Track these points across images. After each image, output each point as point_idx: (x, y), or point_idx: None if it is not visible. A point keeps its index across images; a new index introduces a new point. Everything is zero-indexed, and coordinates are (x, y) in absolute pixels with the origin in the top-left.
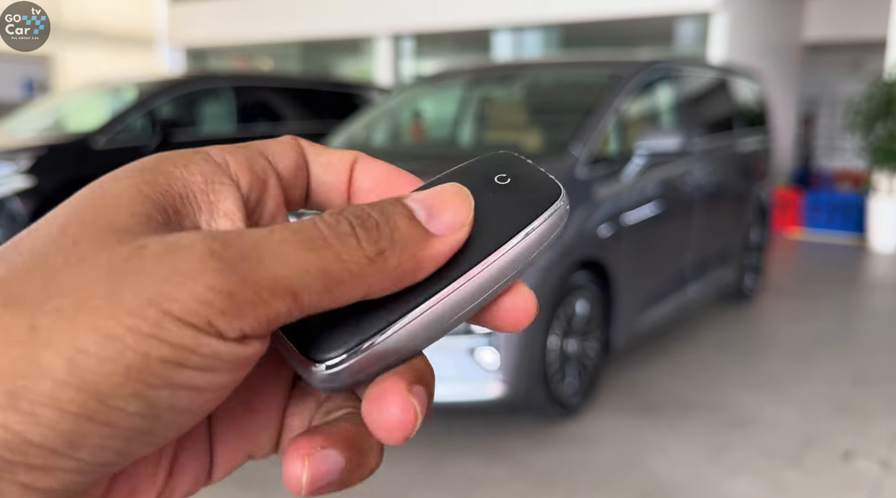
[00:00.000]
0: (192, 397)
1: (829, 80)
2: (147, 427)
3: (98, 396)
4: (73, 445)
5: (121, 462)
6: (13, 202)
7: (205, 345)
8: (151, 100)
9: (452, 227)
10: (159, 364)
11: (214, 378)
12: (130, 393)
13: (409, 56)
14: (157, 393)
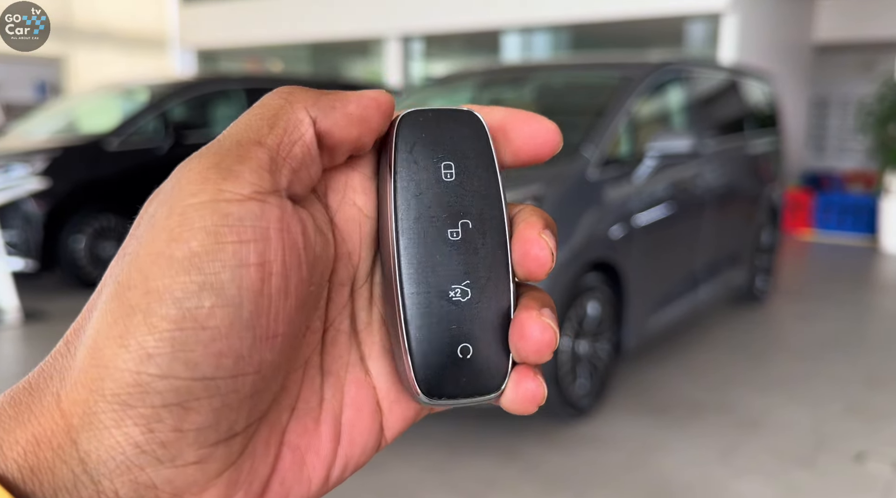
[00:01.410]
0: (251, 273)
1: (840, 80)
2: (234, 316)
3: (175, 304)
4: (188, 365)
5: (240, 370)
6: (28, 203)
7: (226, 214)
8: (164, 102)
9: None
10: (203, 252)
11: (259, 247)
12: (197, 288)
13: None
14: (217, 278)
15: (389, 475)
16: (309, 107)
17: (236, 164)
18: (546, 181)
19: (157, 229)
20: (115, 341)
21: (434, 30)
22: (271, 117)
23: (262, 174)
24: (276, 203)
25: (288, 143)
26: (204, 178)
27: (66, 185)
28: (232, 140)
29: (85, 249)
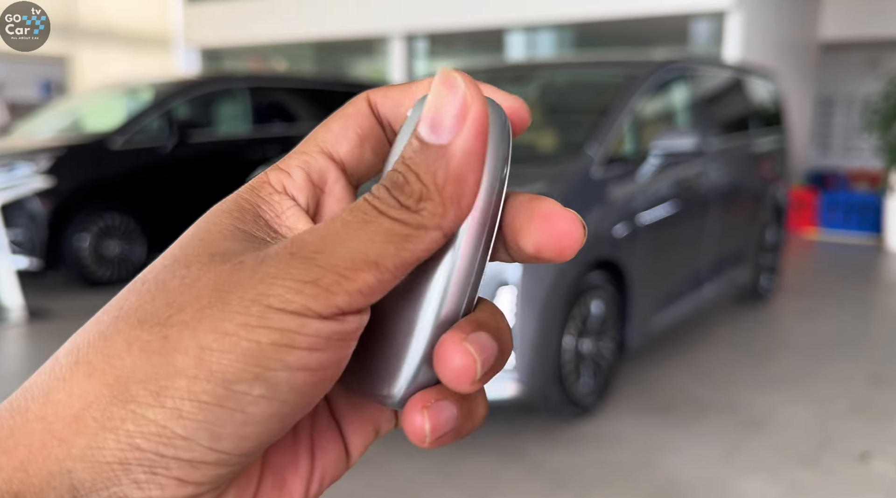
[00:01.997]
0: (306, 377)
1: (846, 79)
2: (275, 410)
3: (224, 383)
4: (213, 436)
5: (256, 451)
6: (33, 202)
7: (307, 325)
8: (168, 101)
9: (459, 120)
10: (270, 348)
11: (323, 357)
12: (251, 377)
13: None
14: (274, 375)
15: (393, 474)
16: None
17: (337, 287)
18: (549, 179)
19: (225, 306)
20: (151, 396)
21: (438, 28)
22: (402, 237)
23: (357, 298)
24: (354, 321)
25: (410, 262)
26: (296, 290)
27: (70, 184)
28: (342, 253)
29: (89, 247)
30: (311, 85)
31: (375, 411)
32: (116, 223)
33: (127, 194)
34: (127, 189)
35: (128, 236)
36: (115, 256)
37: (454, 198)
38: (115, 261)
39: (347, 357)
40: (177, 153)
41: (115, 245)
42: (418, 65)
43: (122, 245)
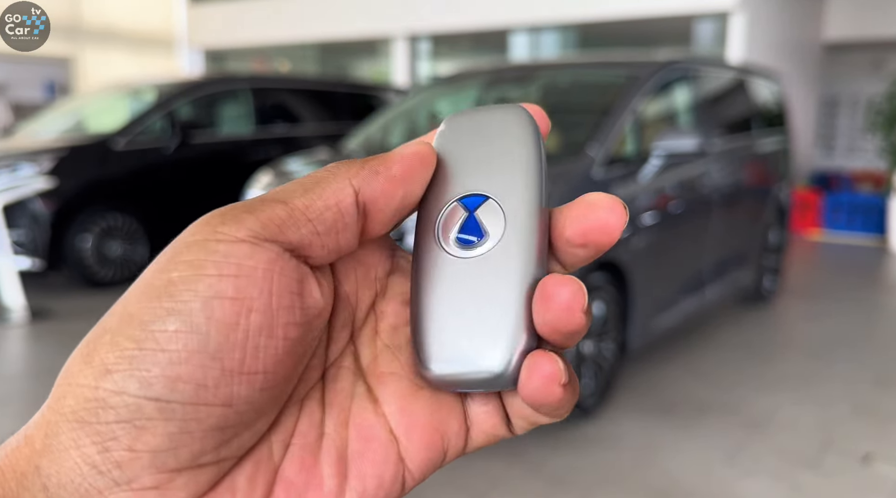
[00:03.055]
0: (225, 306)
1: (850, 79)
2: (198, 345)
3: (141, 325)
4: (141, 383)
5: (201, 400)
6: (35, 203)
7: (213, 250)
8: (171, 101)
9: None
10: (180, 281)
11: (238, 283)
12: (165, 313)
13: (425, 57)
14: (187, 305)
15: None
16: (352, 177)
17: (243, 213)
18: (551, 180)
19: (151, 265)
20: (82, 359)
21: (441, 29)
22: (310, 184)
23: (267, 225)
24: (271, 248)
25: (320, 207)
26: (206, 221)
27: (73, 185)
28: (260, 198)
29: (92, 248)
30: (315, 86)
31: (441, 418)
32: (119, 224)
33: (129, 195)
34: (130, 190)
35: (130, 237)
36: (117, 256)
37: (373, 168)
38: (118, 261)
39: (283, 292)
40: (180, 154)
41: (117, 246)
42: (421, 65)
43: (124, 246)
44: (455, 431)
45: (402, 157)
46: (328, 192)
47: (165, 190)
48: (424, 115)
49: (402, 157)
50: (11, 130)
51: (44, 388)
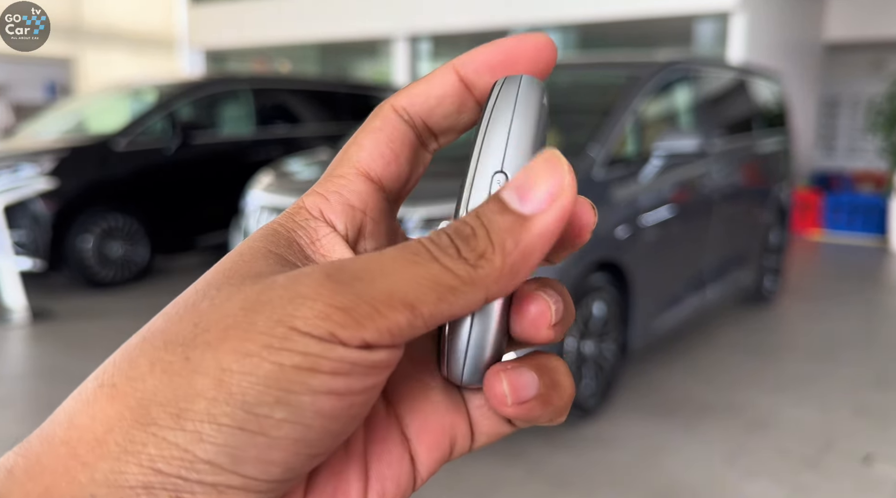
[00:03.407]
0: (333, 402)
1: (851, 80)
2: (300, 435)
3: (245, 406)
4: (235, 460)
5: (287, 477)
6: (36, 203)
7: (330, 350)
8: (172, 102)
9: (548, 199)
10: (293, 371)
11: (350, 382)
12: (273, 400)
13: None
14: (298, 398)
15: None
16: (491, 293)
17: (367, 321)
18: None
19: (250, 326)
20: (171, 419)
21: (442, 30)
22: (447, 291)
23: (385, 334)
24: (383, 353)
25: (441, 319)
26: (325, 315)
27: (74, 185)
28: (382, 287)
29: (93, 248)
30: (315, 86)
31: (450, 420)
32: (120, 224)
33: (130, 196)
34: (130, 190)
35: (131, 238)
36: (118, 257)
37: (514, 269)
38: (119, 262)
39: (381, 384)
40: (180, 154)
41: (118, 246)
42: (422, 66)
43: (125, 246)
44: (462, 432)
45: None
46: (461, 303)
47: (166, 191)
48: None
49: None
50: (12, 131)
51: (45, 388)
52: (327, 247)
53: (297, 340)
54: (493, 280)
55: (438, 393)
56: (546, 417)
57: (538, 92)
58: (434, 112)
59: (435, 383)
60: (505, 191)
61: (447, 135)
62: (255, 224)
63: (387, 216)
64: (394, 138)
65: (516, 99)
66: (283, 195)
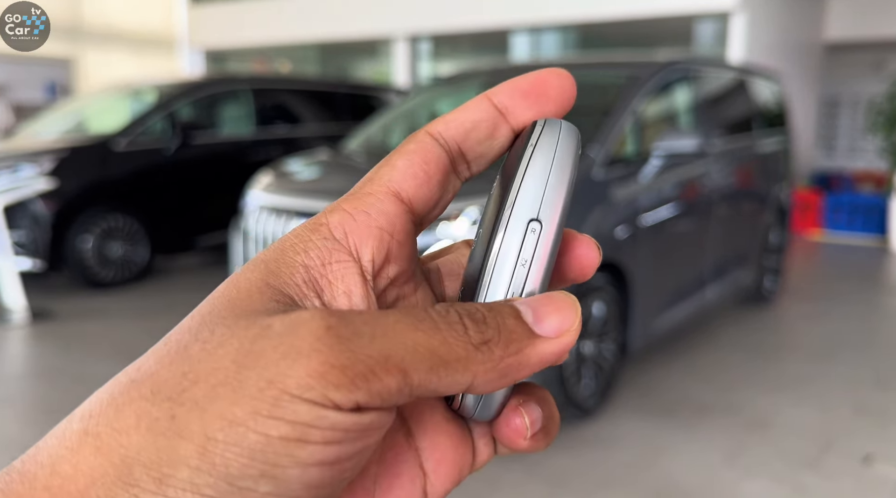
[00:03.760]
0: (323, 472)
1: (851, 80)
2: None
3: (228, 478)
4: None
5: None
6: (36, 203)
7: (322, 418)
8: (172, 102)
9: (558, 330)
10: (280, 442)
11: (340, 450)
12: (257, 474)
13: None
14: (284, 471)
15: None
16: (478, 374)
17: (361, 381)
18: None
19: (239, 386)
20: (153, 482)
21: (442, 30)
22: (439, 363)
23: (375, 397)
24: (374, 416)
25: (432, 390)
26: (320, 373)
27: (74, 186)
28: (380, 348)
29: (92, 248)
30: (315, 86)
31: (462, 451)
32: (120, 225)
33: (130, 196)
34: (130, 190)
35: (131, 238)
36: (118, 257)
37: (505, 370)
38: (119, 262)
39: (371, 447)
40: (180, 155)
41: (118, 246)
42: (422, 66)
43: (125, 246)
44: (469, 463)
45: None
46: (449, 380)
47: (166, 191)
48: (425, 115)
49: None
50: (12, 131)
51: (45, 389)
52: (337, 273)
53: (286, 406)
54: (485, 370)
55: (453, 425)
56: (543, 446)
57: (576, 140)
58: (469, 136)
59: (451, 415)
60: (522, 305)
61: (479, 161)
62: (254, 224)
63: (411, 239)
64: (428, 161)
65: (556, 146)
66: (283, 195)
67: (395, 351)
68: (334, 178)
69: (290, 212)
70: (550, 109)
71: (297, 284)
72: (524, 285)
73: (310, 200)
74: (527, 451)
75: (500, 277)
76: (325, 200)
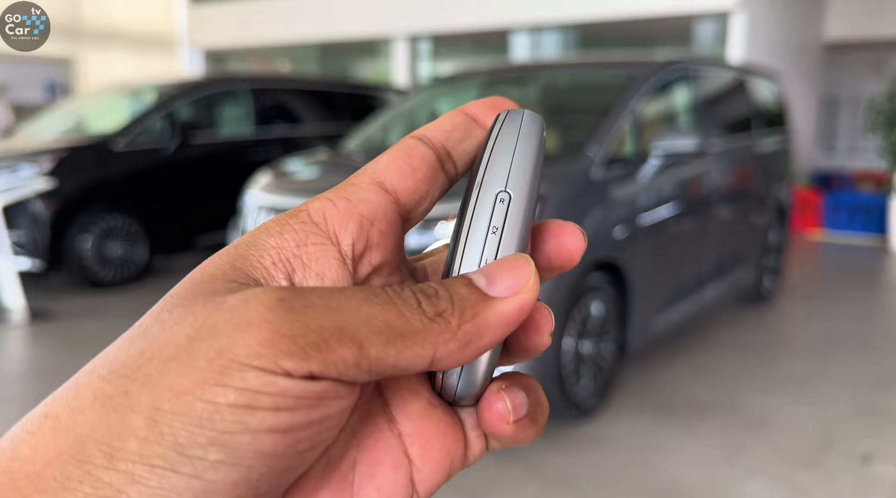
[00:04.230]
0: (276, 440)
1: (851, 79)
2: (239, 476)
3: (177, 447)
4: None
5: None
6: (35, 203)
7: (271, 384)
8: (171, 102)
9: (513, 288)
10: (228, 409)
11: (292, 418)
12: (206, 441)
13: (426, 57)
14: (234, 438)
15: None
16: (439, 346)
17: (314, 351)
18: (550, 180)
19: (189, 358)
20: (104, 457)
21: (442, 29)
22: (397, 336)
23: (330, 367)
24: (328, 386)
25: (389, 365)
26: (270, 342)
27: (73, 186)
28: (333, 319)
29: (92, 248)
30: (315, 86)
31: (451, 440)
32: (119, 224)
33: (130, 196)
34: (130, 190)
35: (130, 238)
36: (117, 257)
37: (466, 337)
38: (118, 262)
39: (330, 417)
40: (180, 155)
41: (117, 246)
42: (421, 66)
43: (124, 246)
44: (460, 453)
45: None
46: (407, 353)
47: (165, 191)
48: (425, 115)
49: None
50: (12, 131)
51: (44, 388)
52: (312, 255)
53: (234, 373)
54: (444, 341)
55: (441, 411)
56: (531, 435)
57: (539, 122)
58: (450, 136)
59: (437, 400)
60: (475, 274)
61: (463, 159)
62: (252, 224)
63: (396, 230)
64: (412, 155)
65: (520, 126)
66: (281, 195)
67: (348, 323)
68: (333, 178)
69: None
70: None
71: (265, 267)
72: (497, 254)
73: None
74: (513, 439)
75: (472, 247)
76: None
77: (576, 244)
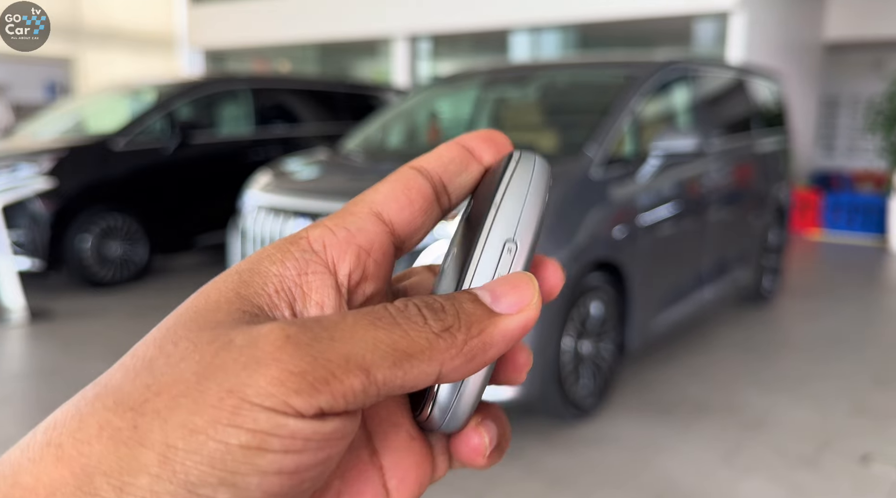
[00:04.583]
0: (283, 481)
1: (850, 79)
2: None
3: (187, 485)
4: None
5: None
6: (35, 203)
7: (282, 426)
8: (171, 102)
9: (518, 306)
10: (240, 450)
11: (301, 459)
12: (217, 481)
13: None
14: (244, 479)
15: None
16: (445, 362)
17: (322, 386)
18: None
19: (200, 396)
20: (113, 491)
21: (442, 29)
22: (403, 357)
23: (339, 400)
24: (337, 422)
25: (398, 386)
26: (280, 380)
27: (72, 185)
28: (339, 350)
29: (91, 248)
30: (315, 86)
31: (425, 469)
32: (119, 224)
33: (129, 195)
34: (129, 190)
35: (130, 237)
36: (117, 256)
37: (471, 353)
38: (117, 262)
39: (335, 458)
40: (179, 154)
41: (117, 246)
42: (421, 66)
43: (124, 246)
44: (429, 478)
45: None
46: (415, 372)
47: (165, 190)
48: (424, 115)
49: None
50: (12, 131)
51: (44, 388)
52: (312, 284)
53: (245, 414)
54: (451, 356)
55: (418, 443)
56: (496, 462)
57: (548, 172)
58: (447, 168)
59: (415, 432)
60: (479, 290)
61: (458, 193)
62: (252, 224)
63: (389, 260)
64: (410, 187)
65: (532, 175)
66: (281, 195)
67: (355, 351)
68: (333, 178)
69: (288, 212)
70: (503, 152)
71: (269, 294)
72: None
73: (308, 200)
74: (483, 467)
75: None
76: (323, 200)
77: (556, 280)
